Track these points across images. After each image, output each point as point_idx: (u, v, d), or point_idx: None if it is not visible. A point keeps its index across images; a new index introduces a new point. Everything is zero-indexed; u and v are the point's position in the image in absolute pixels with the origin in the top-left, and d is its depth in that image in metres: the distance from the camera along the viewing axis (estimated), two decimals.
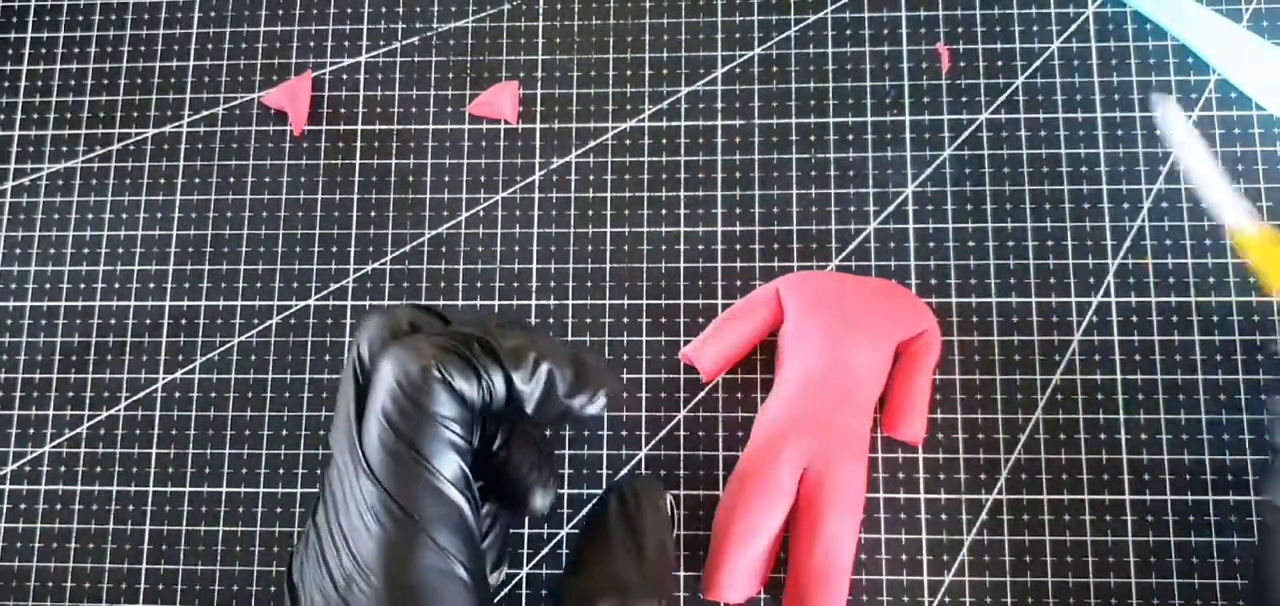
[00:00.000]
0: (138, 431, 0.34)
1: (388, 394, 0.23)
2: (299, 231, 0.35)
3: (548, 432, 0.32)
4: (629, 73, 0.35)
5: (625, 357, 0.33)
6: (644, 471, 0.32)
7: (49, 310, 0.35)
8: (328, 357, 0.34)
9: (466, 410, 0.24)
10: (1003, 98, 0.34)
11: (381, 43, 0.36)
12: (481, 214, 0.35)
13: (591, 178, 0.35)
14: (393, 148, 0.35)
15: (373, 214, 0.35)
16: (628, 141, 0.35)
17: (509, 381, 0.24)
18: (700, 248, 0.34)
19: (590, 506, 0.31)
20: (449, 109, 0.35)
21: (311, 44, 0.36)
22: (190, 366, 0.34)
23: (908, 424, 0.31)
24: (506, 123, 0.35)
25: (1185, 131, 0.32)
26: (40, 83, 0.37)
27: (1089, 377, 0.32)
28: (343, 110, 0.36)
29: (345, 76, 0.36)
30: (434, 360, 0.23)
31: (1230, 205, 0.31)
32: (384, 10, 0.36)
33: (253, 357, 0.34)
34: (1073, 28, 0.35)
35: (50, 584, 0.33)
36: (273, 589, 0.32)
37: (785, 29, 0.35)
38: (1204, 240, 0.33)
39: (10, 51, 0.37)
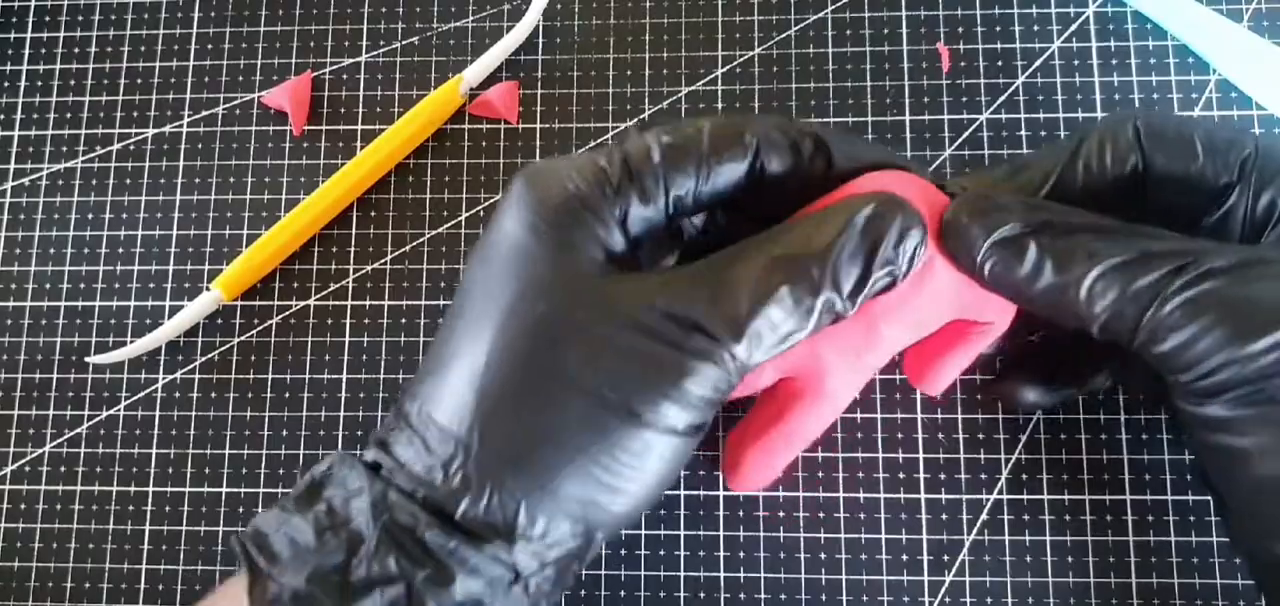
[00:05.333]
0: (138, 431, 0.34)
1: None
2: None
3: None
4: (629, 73, 0.35)
5: None
6: None
7: (49, 310, 0.35)
8: (327, 357, 0.34)
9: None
10: (1003, 98, 0.34)
11: (381, 43, 0.36)
12: (482, 214, 0.35)
13: None
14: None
15: (373, 214, 0.35)
16: None
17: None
18: None
19: None
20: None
21: (311, 44, 0.36)
22: (190, 366, 0.34)
23: (929, 379, 0.29)
24: (506, 123, 0.35)
25: None
26: (40, 83, 0.37)
27: None
28: (343, 110, 0.36)
29: (345, 76, 0.36)
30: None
31: None
32: (384, 10, 0.36)
33: (253, 357, 0.34)
34: (1073, 28, 0.35)
35: (50, 584, 0.33)
36: None
37: (785, 29, 0.35)
38: None
39: (10, 51, 0.37)
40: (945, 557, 0.31)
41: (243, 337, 0.34)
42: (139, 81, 0.36)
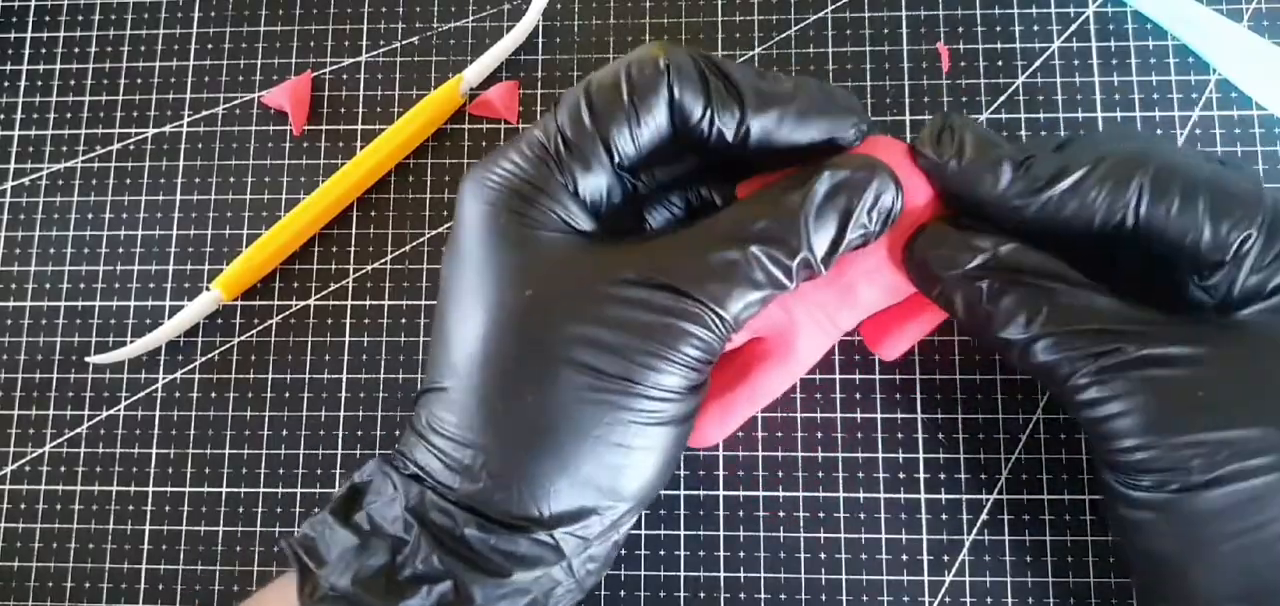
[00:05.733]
0: (138, 431, 0.34)
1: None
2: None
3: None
4: None
5: None
6: None
7: (49, 310, 0.35)
8: (327, 357, 0.34)
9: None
10: (1003, 98, 0.34)
11: (381, 43, 0.36)
12: None
13: None
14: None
15: (373, 214, 0.35)
16: None
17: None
18: None
19: None
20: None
21: (311, 44, 0.36)
22: (190, 366, 0.34)
23: (888, 343, 0.30)
24: (506, 123, 0.35)
25: None
26: (40, 83, 0.37)
27: None
28: (343, 110, 0.36)
29: (345, 76, 0.36)
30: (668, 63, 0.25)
31: None
32: (384, 10, 0.36)
33: (253, 357, 0.34)
34: (1073, 28, 0.35)
35: (50, 584, 0.33)
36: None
37: (785, 29, 0.35)
38: None
39: (10, 51, 0.37)
40: (945, 557, 0.31)
41: (243, 337, 0.34)
42: (139, 81, 0.36)
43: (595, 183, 0.25)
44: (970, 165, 0.25)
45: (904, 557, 0.31)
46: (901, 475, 0.32)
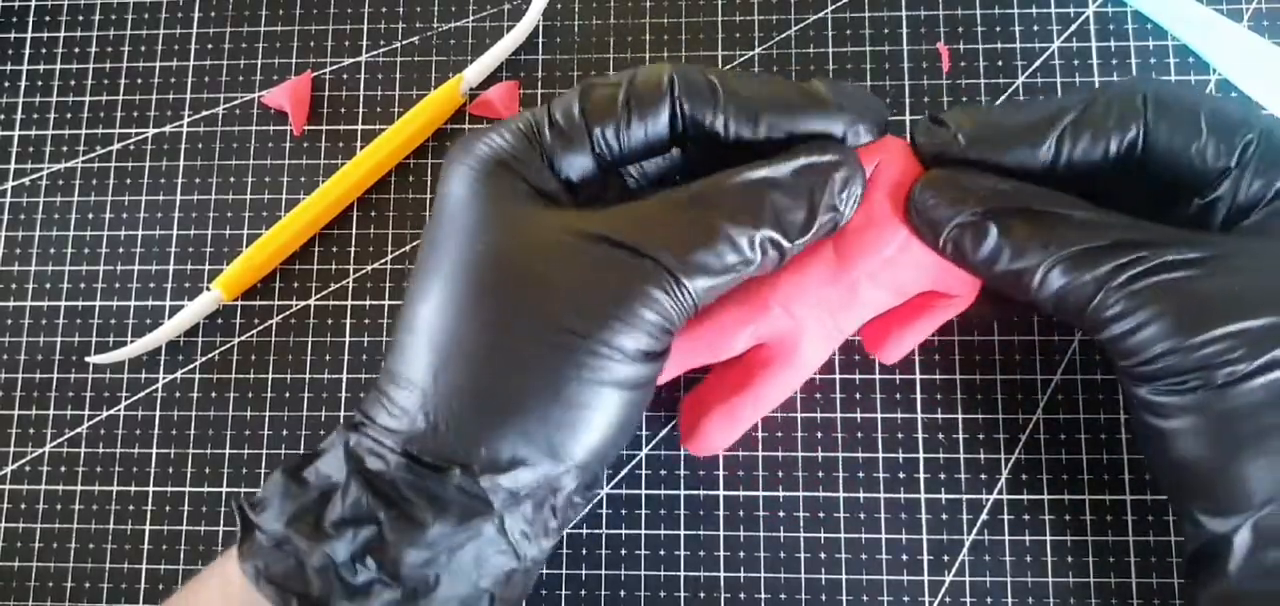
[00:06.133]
0: (138, 431, 0.34)
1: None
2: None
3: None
4: None
5: None
6: (644, 473, 0.32)
7: (49, 310, 0.35)
8: (328, 357, 0.34)
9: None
10: (1003, 98, 0.34)
11: (381, 43, 0.36)
12: None
13: None
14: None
15: (373, 214, 0.35)
16: None
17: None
18: None
19: None
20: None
21: (311, 44, 0.36)
22: (190, 366, 0.34)
23: (888, 347, 0.30)
24: None
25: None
26: (40, 83, 0.37)
27: (1089, 377, 0.32)
28: (343, 110, 0.36)
29: (345, 76, 0.36)
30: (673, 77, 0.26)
31: None
32: (384, 10, 0.36)
33: (253, 357, 0.34)
34: (1073, 28, 0.35)
35: (50, 584, 0.33)
36: None
37: (785, 29, 0.35)
38: None
39: (10, 51, 0.37)
40: (945, 557, 0.31)
41: (243, 337, 0.34)
42: (139, 81, 0.36)
43: (575, 163, 0.26)
44: (979, 128, 0.26)
45: (904, 557, 0.31)
46: (901, 475, 0.32)
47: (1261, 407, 0.24)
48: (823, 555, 0.32)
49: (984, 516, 0.32)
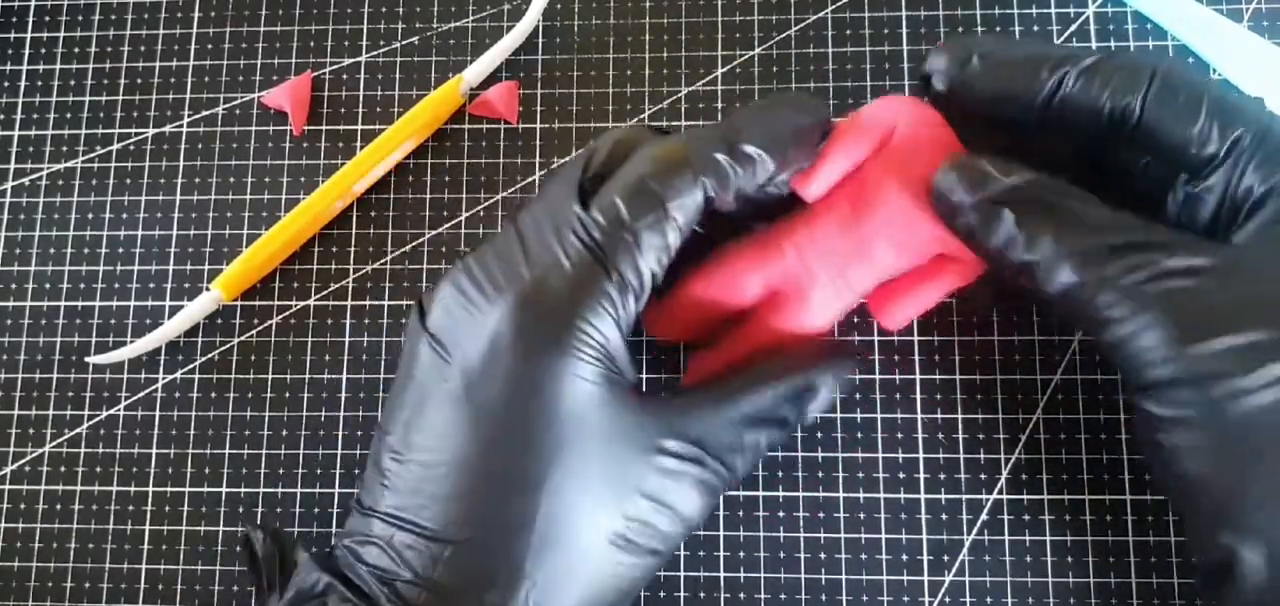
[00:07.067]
0: (138, 431, 0.34)
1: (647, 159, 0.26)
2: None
3: None
4: (629, 73, 0.35)
5: None
6: None
7: (49, 310, 0.35)
8: (327, 357, 0.34)
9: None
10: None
11: (381, 43, 0.36)
12: (482, 214, 0.35)
13: None
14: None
15: (373, 214, 0.35)
16: None
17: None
18: None
19: None
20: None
21: (311, 44, 0.36)
22: (190, 366, 0.34)
23: (892, 311, 0.30)
24: (506, 123, 0.35)
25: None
26: (40, 83, 0.37)
27: (1089, 377, 0.32)
28: (343, 110, 0.36)
29: (345, 76, 0.36)
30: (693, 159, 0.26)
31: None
32: (384, 10, 0.36)
33: (253, 357, 0.34)
34: (1073, 28, 0.35)
35: (50, 584, 0.33)
36: None
37: (785, 29, 0.35)
38: None
39: (10, 51, 0.37)
40: (945, 557, 0.31)
41: (243, 337, 0.34)
42: (139, 81, 0.36)
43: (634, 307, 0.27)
44: (992, 57, 0.27)
45: (904, 557, 0.31)
46: (901, 475, 0.32)
47: (1265, 423, 0.23)
48: (823, 555, 0.32)
49: (984, 516, 0.32)
